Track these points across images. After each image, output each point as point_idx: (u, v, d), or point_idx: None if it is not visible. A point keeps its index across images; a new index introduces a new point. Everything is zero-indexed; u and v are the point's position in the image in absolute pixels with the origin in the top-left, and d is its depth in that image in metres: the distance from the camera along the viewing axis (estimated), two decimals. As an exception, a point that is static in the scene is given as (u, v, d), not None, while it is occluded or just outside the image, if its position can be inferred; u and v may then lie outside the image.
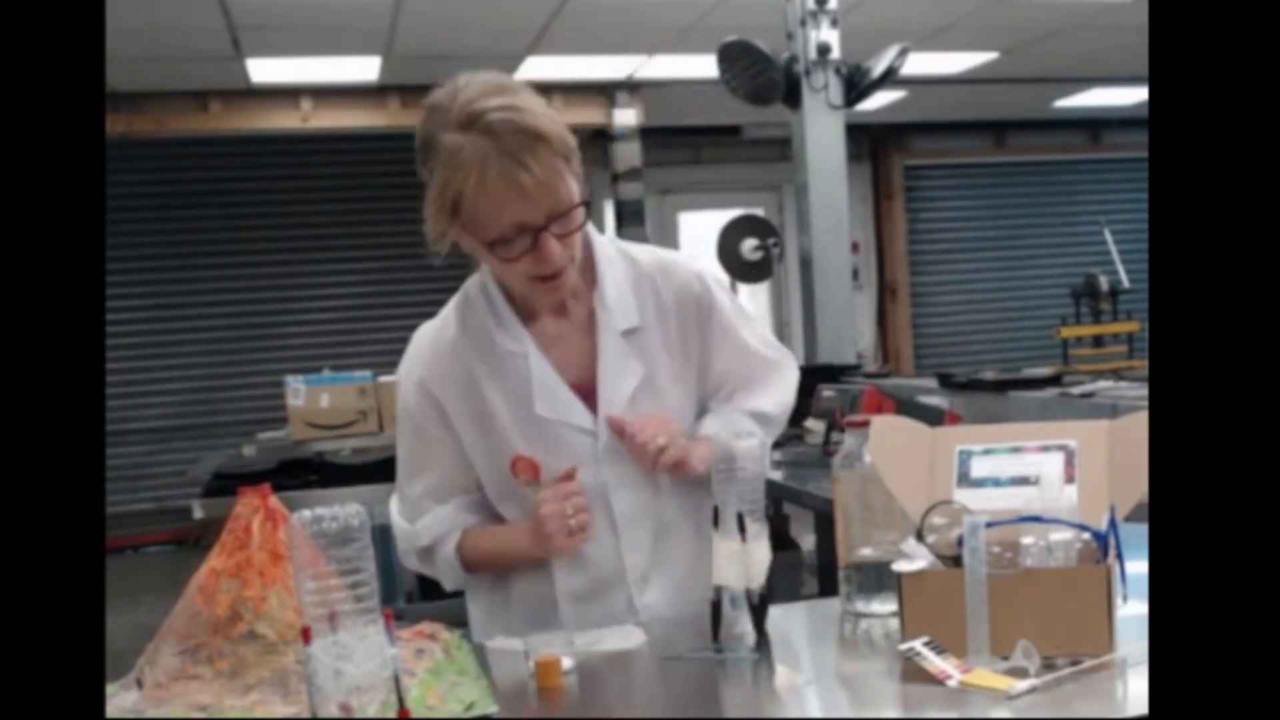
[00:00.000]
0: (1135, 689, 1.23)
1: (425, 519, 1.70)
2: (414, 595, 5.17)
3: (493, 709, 1.27)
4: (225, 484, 4.33)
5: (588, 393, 1.64)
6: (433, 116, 1.49)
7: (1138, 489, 1.38)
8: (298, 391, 4.74)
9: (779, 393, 1.80)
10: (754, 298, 8.47)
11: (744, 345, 1.75)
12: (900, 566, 1.37)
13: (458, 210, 1.48)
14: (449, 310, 1.69)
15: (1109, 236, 8.20)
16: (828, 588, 3.44)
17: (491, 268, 1.61)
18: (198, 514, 4.21)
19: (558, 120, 1.50)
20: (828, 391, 4.04)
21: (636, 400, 1.64)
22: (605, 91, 7.31)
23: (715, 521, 1.46)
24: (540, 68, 6.67)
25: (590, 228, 1.63)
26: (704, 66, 4.92)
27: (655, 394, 1.66)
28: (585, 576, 1.66)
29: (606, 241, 1.69)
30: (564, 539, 1.58)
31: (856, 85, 5.07)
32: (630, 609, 1.65)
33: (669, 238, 8.75)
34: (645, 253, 1.72)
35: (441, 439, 1.67)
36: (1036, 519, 1.37)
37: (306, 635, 1.10)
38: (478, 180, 1.44)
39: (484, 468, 1.67)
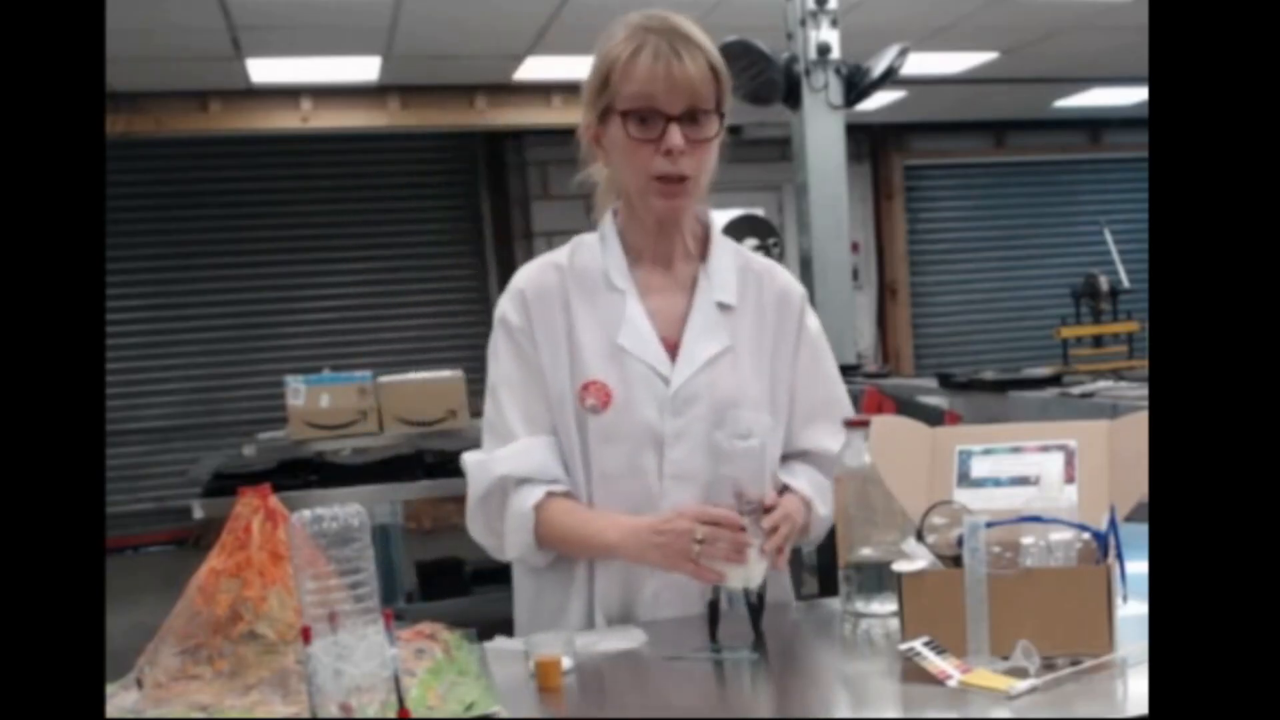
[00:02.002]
0: (1135, 689, 1.24)
1: (513, 446, 1.65)
2: (414, 595, 5.17)
3: (494, 709, 1.26)
4: (225, 484, 4.32)
5: (671, 349, 1.67)
6: (614, 22, 1.63)
7: (1138, 489, 1.38)
8: (298, 391, 4.73)
9: None
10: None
11: (829, 374, 1.78)
12: (900, 566, 1.37)
13: (607, 83, 1.60)
14: (561, 249, 1.76)
15: (1109, 236, 8.20)
16: (828, 588, 3.44)
17: (620, 158, 1.64)
18: (198, 514, 4.21)
19: (722, 61, 1.64)
20: (828, 391, 4.02)
21: (716, 365, 1.66)
22: (606, 91, 7.29)
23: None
24: (540, 68, 6.66)
25: (710, 214, 1.78)
26: (704, 66, 4.91)
27: (735, 365, 1.68)
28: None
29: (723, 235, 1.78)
30: (679, 562, 1.50)
31: (856, 85, 5.06)
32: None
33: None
34: (755, 255, 1.83)
35: (530, 354, 1.66)
36: (1036, 519, 1.37)
37: (306, 635, 1.10)
38: (633, 51, 1.58)
39: (556, 394, 1.64)
